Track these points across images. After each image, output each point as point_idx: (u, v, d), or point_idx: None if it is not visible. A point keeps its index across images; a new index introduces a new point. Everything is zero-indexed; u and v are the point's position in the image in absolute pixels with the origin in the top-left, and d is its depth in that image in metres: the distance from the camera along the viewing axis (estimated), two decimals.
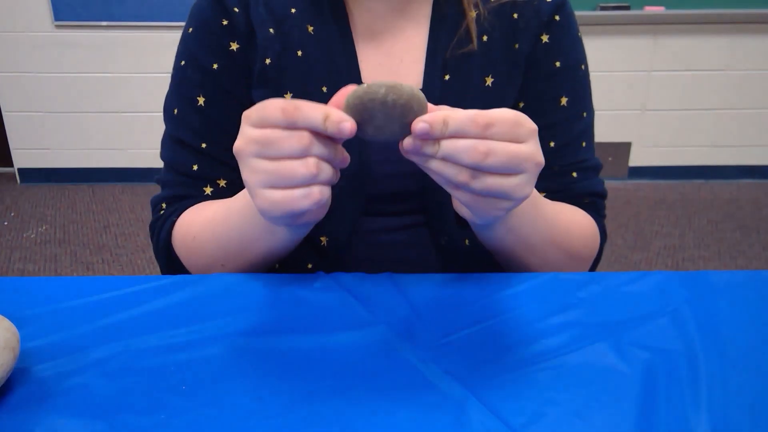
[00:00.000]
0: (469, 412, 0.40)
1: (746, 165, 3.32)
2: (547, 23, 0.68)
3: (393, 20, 0.68)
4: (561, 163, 0.70)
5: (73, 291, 0.54)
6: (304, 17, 0.67)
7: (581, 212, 0.69)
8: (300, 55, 0.66)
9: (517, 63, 0.68)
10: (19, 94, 3.15)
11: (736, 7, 2.94)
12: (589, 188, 0.71)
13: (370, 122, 0.44)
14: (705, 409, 0.40)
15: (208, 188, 0.68)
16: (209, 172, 0.68)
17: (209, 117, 0.67)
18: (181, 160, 0.68)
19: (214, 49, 0.66)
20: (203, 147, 0.67)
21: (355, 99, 0.43)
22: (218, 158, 0.67)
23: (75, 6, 2.98)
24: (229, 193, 0.65)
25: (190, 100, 0.67)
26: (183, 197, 0.68)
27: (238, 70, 0.67)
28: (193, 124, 0.67)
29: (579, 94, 0.71)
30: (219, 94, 0.67)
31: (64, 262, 2.39)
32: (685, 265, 2.40)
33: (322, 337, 0.48)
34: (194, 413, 0.40)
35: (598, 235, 0.71)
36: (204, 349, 0.46)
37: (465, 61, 0.67)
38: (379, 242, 0.69)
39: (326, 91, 0.66)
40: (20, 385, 0.42)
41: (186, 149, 0.68)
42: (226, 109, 0.67)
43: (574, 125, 0.70)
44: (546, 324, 0.50)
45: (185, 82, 0.68)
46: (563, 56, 0.69)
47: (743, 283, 0.57)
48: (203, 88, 0.67)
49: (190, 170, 0.68)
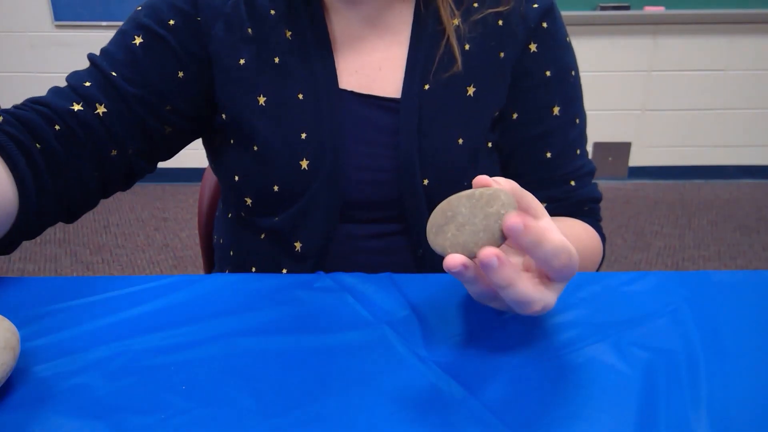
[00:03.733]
0: (469, 412, 0.40)
1: (746, 165, 3.32)
2: (535, 30, 0.67)
3: (371, 29, 0.67)
4: (558, 172, 0.70)
5: (73, 291, 0.54)
6: (282, 21, 0.66)
7: (584, 228, 0.70)
8: (277, 62, 0.65)
9: (501, 71, 0.67)
10: (19, 94, 3.15)
11: (736, 7, 2.95)
12: (588, 195, 0.71)
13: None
14: (705, 409, 0.40)
15: (76, 105, 0.60)
16: (95, 92, 0.61)
17: (137, 58, 0.63)
18: (80, 75, 0.63)
19: (180, 11, 0.65)
20: (112, 74, 0.62)
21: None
22: (117, 86, 0.62)
23: (75, 6, 2.98)
24: (96, 122, 0.60)
25: (128, 37, 0.64)
26: (39, 103, 0.60)
27: (194, 41, 0.65)
28: (117, 56, 0.63)
29: (571, 101, 0.70)
30: (159, 45, 0.64)
31: (64, 262, 2.39)
32: (685, 265, 2.40)
33: (322, 337, 0.48)
34: (194, 413, 0.40)
35: (601, 245, 0.72)
36: (204, 349, 0.46)
37: (446, 71, 0.66)
38: (355, 249, 0.68)
39: (302, 98, 0.65)
40: (20, 385, 0.42)
41: (93, 68, 0.63)
42: (159, 60, 0.64)
43: (568, 132, 0.70)
44: (546, 324, 0.50)
45: (130, 23, 0.65)
46: (553, 65, 0.68)
47: (743, 283, 0.57)
48: (146, 31, 0.64)
49: (79, 84, 0.62)
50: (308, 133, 0.65)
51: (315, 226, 0.67)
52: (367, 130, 0.66)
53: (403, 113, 0.65)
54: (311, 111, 0.65)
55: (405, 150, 0.65)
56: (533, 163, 0.70)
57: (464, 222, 0.40)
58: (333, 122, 0.65)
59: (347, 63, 0.67)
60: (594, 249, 0.69)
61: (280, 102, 0.65)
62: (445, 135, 0.66)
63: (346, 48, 0.67)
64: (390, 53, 0.67)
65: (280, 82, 0.65)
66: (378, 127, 0.66)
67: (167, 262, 2.40)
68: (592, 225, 0.71)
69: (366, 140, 0.66)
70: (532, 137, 0.69)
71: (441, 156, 0.65)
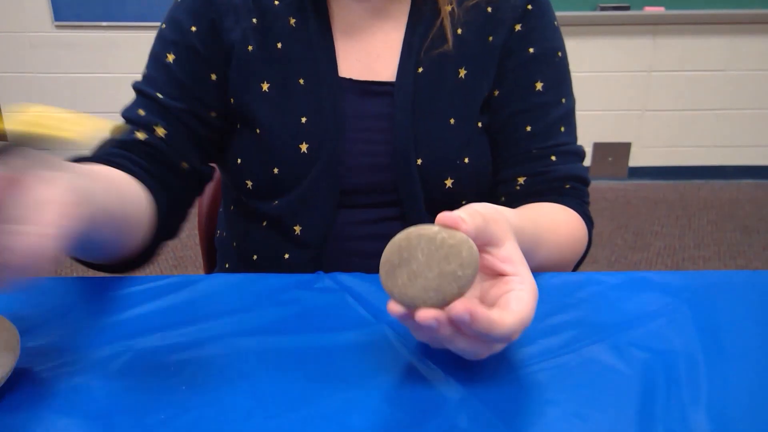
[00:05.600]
0: (469, 412, 0.40)
1: (746, 165, 3.32)
2: (521, 13, 0.70)
3: (372, 18, 0.70)
4: (539, 146, 0.70)
5: (73, 291, 0.54)
6: (286, 10, 0.68)
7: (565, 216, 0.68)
8: (280, 47, 0.68)
9: (491, 55, 0.70)
10: (19, 94, 3.15)
11: (736, 8, 2.94)
12: (570, 172, 0.70)
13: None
14: (704, 409, 0.40)
15: (139, 134, 0.64)
16: (150, 117, 0.66)
17: (174, 74, 0.67)
18: (131, 106, 0.68)
19: (196, 14, 0.68)
20: (158, 96, 0.66)
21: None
22: (167, 106, 0.66)
23: (75, 6, 2.98)
24: (162, 144, 0.65)
25: (161, 57, 0.68)
26: (117, 143, 0.64)
27: (215, 38, 0.68)
28: (157, 79, 0.68)
29: (556, 81, 0.71)
30: (189, 54, 0.67)
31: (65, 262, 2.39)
32: (685, 265, 2.40)
33: (322, 337, 0.48)
34: (194, 413, 0.40)
35: (585, 231, 0.70)
36: (204, 349, 0.46)
37: (439, 55, 0.68)
38: (354, 235, 0.70)
39: (303, 84, 0.68)
40: (20, 385, 0.42)
41: (140, 97, 0.68)
42: (193, 69, 0.68)
43: (552, 110, 0.71)
44: (545, 324, 0.50)
45: (160, 42, 0.69)
46: (537, 43, 0.70)
47: (743, 283, 0.57)
48: (176, 46, 0.67)
49: (135, 115, 0.66)
50: (308, 118, 0.67)
51: (315, 212, 0.68)
52: (366, 117, 0.68)
53: (398, 95, 0.68)
54: (312, 97, 0.67)
55: (400, 130, 0.67)
56: (515, 138, 0.71)
57: (418, 272, 0.38)
58: (332, 109, 0.67)
59: (348, 51, 0.69)
60: (575, 239, 0.67)
61: (282, 87, 0.68)
62: (439, 115, 0.68)
63: (348, 36, 0.69)
64: (388, 40, 0.70)
65: (283, 68, 0.68)
66: (375, 113, 0.68)
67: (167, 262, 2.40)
68: (576, 207, 0.69)
69: (364, 127, 0.68)
70: (514, 113, 0.70)
71: (434, 135, 0.68)
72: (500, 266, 0.42)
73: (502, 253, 0.43)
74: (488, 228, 0.42)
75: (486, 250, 0.43)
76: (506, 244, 0.43)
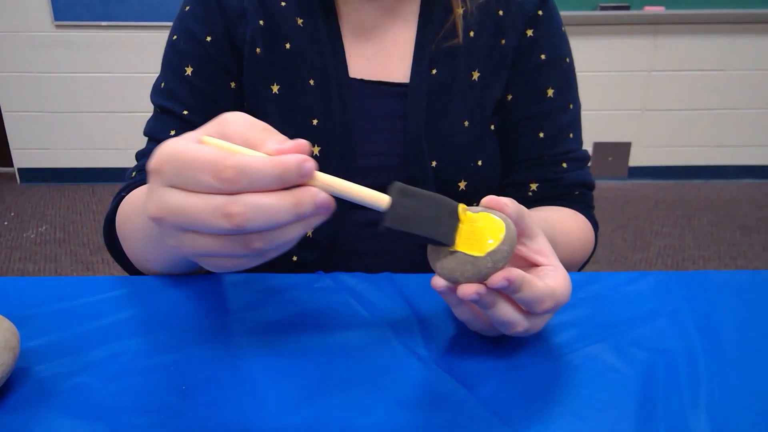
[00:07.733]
0: (469, 412, 0.40)
1: (746, 165, 3.32)
2: (532, 18, 0.70)
3: (382, 18, 0.70)
4: (551, 152, 0.72)
5: (73, 291, 0.54)
6: (293, 10, 0.68)
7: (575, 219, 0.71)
8: (288, 48, 0.67)
9: (503, 58, 0.70)
10: (19, 94, 3.15)
11: (736, 7, 2.95)
12: (579, 178, 0.73)
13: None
14: (704, 409, 0.40)
15: None
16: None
17: (196, 87, 0.67)
18: (160, 127, 0.67)
19: (208, 22, 0.67)
20: (185, 114, 0.67)
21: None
22: (195, 124, 0.65)
23: (75, 6, 2.98)
24: None
25: (179, 71, 0.67)
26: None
27: (229, 45, 0.68)
28: (179, 94, 0.67)
29: (565, 86, 0.72)
30: (208, 65, 0.67)
31: (64, 262, 2.39)
32: (685, 265, 2.40)
33: (322, 337, 0.48)
34: (194, 413, 0.40)
35: (592, 233, 0.73)
36: (204, 348, 0.46)
37: (452, 56, 0.68)
38: (364, 235, 0.69)
39: (313, 84, 0.67)
40: (20, 385, 0.42)
41: (168, 116, 0.68)
42: (214, 80, 0.67)
43: (562, 116, 0.72)
44: (546, 324, 0.50)
45: (176, 55, 0.68)
46: (548, 49, 0.71)
47: (743, 283, 0.57)
48: (193, 58, 0.67)
49: (167, 136, 0.65)
50: (319, 120, 0.67)
51: None
52: (377, 118, 0.68)
53: (412, 97, 0.67)
54: (322, 98, 0.67)
55: (413, 133, 0.67)
56: (526, 143, 0.72)
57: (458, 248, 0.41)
58: (343, 111, 0.67)
59: (358, 51, 0.69)
60: (584, 241, 0.70)
61: (291, 88, 0.68)
62: (452, 117, 0.68)
63: (358, 37, 0.69)
64: (399, 39, 0.70)
65: (292, 68, 0.67)
66: (387, 114, 0.68)
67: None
68: (583, 211, 0.72)
69: (375, 127, 0.68)
70: (526, 118, 0.72)
71: (448, 138, 0.68)
72: (534, 257, 0.45)
73: (535, 246, 0.45)
74: (524, 219, 0.44)
75: (520, 241, 0.45)
76: (539, 237, 0.46)
